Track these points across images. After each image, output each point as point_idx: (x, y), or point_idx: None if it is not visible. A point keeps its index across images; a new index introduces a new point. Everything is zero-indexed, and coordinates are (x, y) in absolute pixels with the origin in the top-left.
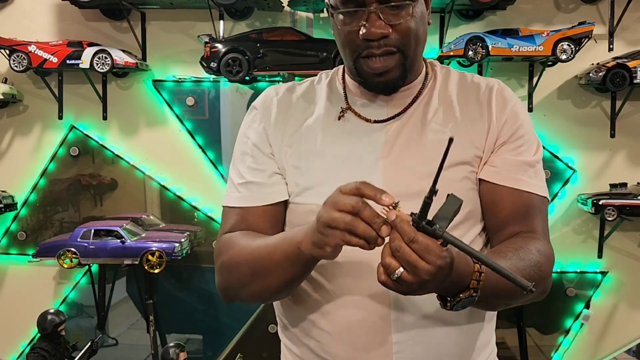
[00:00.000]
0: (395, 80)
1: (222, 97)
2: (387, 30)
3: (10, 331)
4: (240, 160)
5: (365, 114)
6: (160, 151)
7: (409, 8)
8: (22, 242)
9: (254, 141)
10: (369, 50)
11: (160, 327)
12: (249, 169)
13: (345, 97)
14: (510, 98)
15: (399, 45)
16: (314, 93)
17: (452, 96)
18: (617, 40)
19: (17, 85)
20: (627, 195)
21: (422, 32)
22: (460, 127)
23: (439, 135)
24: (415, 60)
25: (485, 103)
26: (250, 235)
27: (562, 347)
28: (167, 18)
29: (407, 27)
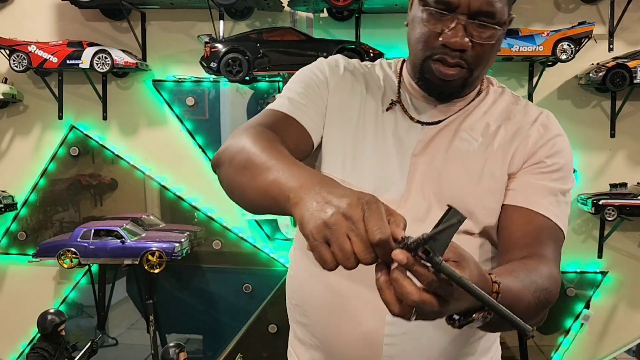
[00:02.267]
0: (453, 91)
1: (222, 97)
2: (468, 45)
3: (10, 331)
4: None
5: (411, 111)
6: (160, 151)
7: (495, 32)
8: (22, 242)
9: (316, 80)
10: (443, 56)
11: (160, 327)
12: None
13: (399, 90)
14: (554, 129)
15: (471, 63)
16: (372, 77)
17: (495, 114)
18: (617, 40)
19: (17, 85)
20: (627, 195)
21: (493, 58)
22: (488, 143)
23: (465, 144)
24: (477, 80)
25: (525, 128)
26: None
27: (562, 347)
28: (167, 18)
29: (485, 49)
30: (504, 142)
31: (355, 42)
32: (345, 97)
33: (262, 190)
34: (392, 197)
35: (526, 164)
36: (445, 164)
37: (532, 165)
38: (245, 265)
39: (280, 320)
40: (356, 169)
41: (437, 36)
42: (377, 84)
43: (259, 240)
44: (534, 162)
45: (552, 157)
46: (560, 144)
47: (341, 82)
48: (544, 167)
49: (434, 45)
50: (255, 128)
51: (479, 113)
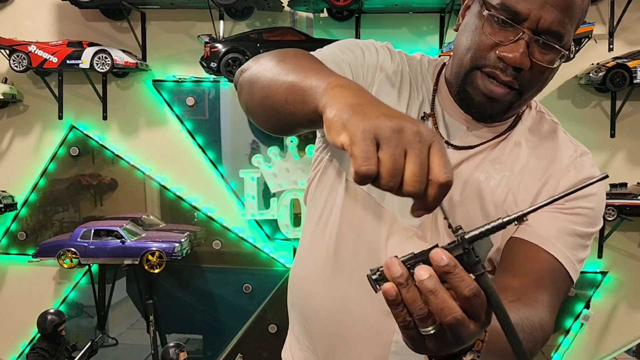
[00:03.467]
0: (495, 113)
1: (222, 97)
2: (527, 64)
3: (10, 331)
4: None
5: (442, 129)
6: (160, 151)
7: (557, 55)
8: (22, 242)
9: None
10: (494, 70)
11: (160, 327)
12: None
13: (433, 100)
14: (585, 171)
15: (524, 86)
16: (417, 74)
17: (529, 147)
18: (617, 40)
19: (17, 85)
20: (627, 195)
21: (546, 84)
22: (512, 178)
23: (487, 179)
24: (524, 104)
25: (556, 170)
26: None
27: (562, 347)
28: (167, 18)
29: (544, 74)
30: (529, 180)
31: None
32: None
33: (290, 84)
34: (408, 223)
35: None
36: (461, 197)
37: (563, 207)
38: (245, 265)
39: (280, 320)
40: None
41: (494, 47)
42: (417, 86)
43: (259, 240)
44: (567, 206)
45: (580, 200)
46: (593, 188)
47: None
48: (566, 209)
49: (488, 56)
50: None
51: (511, 143)
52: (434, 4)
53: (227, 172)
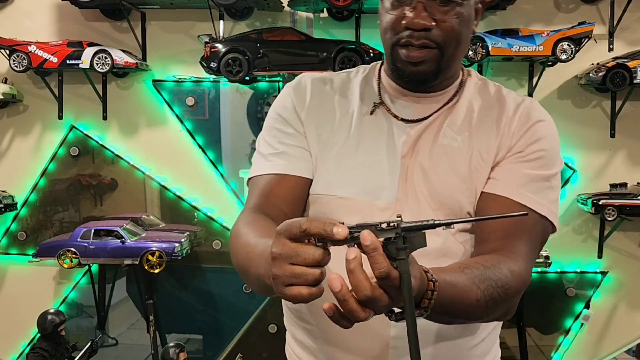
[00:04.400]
0: (427, 74)
1: (222, 97)
2: (430, 23)
3: (10, 331)
4: (270, 135)
5: (395, 110)
6: (160, 151)
7: (457, 7)
8: (22, 242)
9: (285, 117)
10: (408, 39)
11: (160, 327)
12: (281, 143)
13: (379, 93)
14: (535, 115)
15: (439, 42)
16: (349, 86)
17: (477, 106)
18: (617, 40)
19: (17, 85)
20: (627, 195)
21: (464, 35)
22: (472, 137)
23: (450, 141)
24: (452, 62)
25: (508, 118)
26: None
27: (562, 347)
28: (167, 18)
29: (450, 25)
30: (488, 135)
31: (355, 42)
32: (322, 116)
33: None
34: (386, 202)
35: (509, 154)
36: (431, 163)
37: (514, 154)
38: None
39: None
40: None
41: (400, 20)
42: (355, 92)
43: None
44: (516, 152)
45: (534, 144)
46: (542, 131)
47: (313, 105)
48: (525, 156)
49: (399, 30)
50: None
51: (463, 107)
52: None
53: (227, 172)
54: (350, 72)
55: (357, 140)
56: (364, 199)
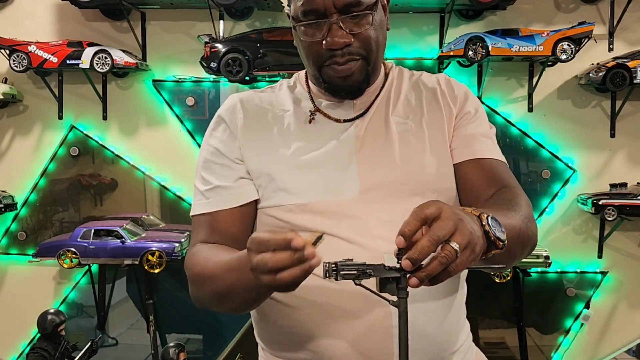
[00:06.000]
0: (359, 84)
1: (222, 97)
2: (350, 39)
3: (10, 331)
4: (205, 168)
5: (334, 114)
6: (160, 151)
7: (369, 17)
8: (22, 242)
9: (220, 148)
10: (333, 59)
11: (160, 327)
12: (215, 175)
13: (312, 100)
14: (456, 85)
15: (361, 53)
16: (278, 100)
17: (408, 92)
18: (617, 40)
19: (17, 85)
20: (627, 195)
21: (381, 38)
22: (418, 117)
23: (402, 126)
24: (377, 65)
25: (437, 92)
26: (213, 251)
27: (562, 347)
28: (167, 18)
29: (367, 35)
30: (431, 111)
31: None
32: (260, 133)
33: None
34: (350, 197)
35: (456, 120)
36: (391, 149)
37: (461, 119)
38: None
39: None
40: (300, 190)
41: (320, 44)
42: (286, 103)
43: None
44: (462, 116)
45: (470, 105)
46: (470, 93)
47: (248, 124)
48: (469, 116)
49: (321, 53)
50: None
51: (396, 95)
52: (434, 4)
53: None
54: (273, 87)
55: (303, 148)
56: (325, 199)
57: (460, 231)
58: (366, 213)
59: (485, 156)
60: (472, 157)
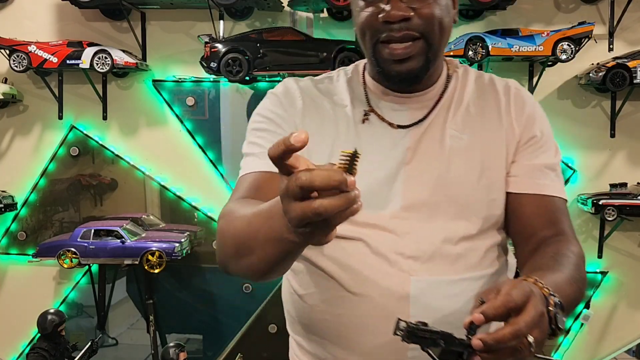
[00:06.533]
0: (417, 70)
1: (222, 97)
2: (409, 12)
3: (10, 331)
4: (258, 136)
5: (389, 117)
6: (160, 151)
7: None
8: (22, 242)
9: (277, 121)
10: (388, 33)
11: (160, 327)
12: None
13: (367, 97)
14: (527, 99)
15: (422, 31)
16: (334, 92)
17: (471, 99)
18: (617, 40)
19: (17, 85)
20: (627, 195)
21: (447, 22)
22: (476, 133)
23: (457, 141)
24: (438, 51)
25: (503, 106)
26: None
27: (562, 347)
28: (167, 18)
29: (430, 12)
30: (492, 129)
31: (355, 42)
32: (316, 124)
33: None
34: (391, 211)
35: (520, 143)
36: (442, 166)
37: (526, 143)
38: None
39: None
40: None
41: (377, 16)
42: (343, 97)
43: None
44: (527, 140)
45: (538, 126)
46: (540, 111)
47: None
48: (535, 142)
49: (377, 27)
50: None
51: (457, 103)
52: None
53: (227, 172)
54: (331, 76)
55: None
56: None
57: (540, 328)
58: (404, 230)
59: (548, 193)
60: (533, 192)
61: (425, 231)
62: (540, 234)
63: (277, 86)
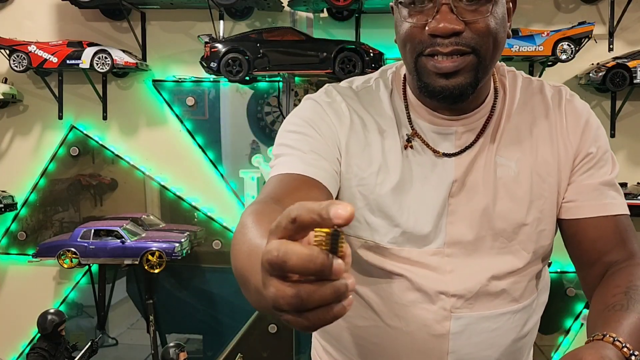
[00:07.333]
0: (464, 87)
1: (222, 97)
2: (461, 26)
3: (10, 331)
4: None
5: (433, 143)
6: (160, 151)
7: (489, 5)
8: (22, 242)
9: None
10: (434, 47)
11: (160, 327)
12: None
13: (409, 117)
14: (582, 110)
15: (474, 45)
16: (377, 107)
17: (519, 115)
18: (617, 40)
19: (17, 85)
20: (627, 195)
21: (501, 37)
22: (526, 157)
23: (505, 170)
24: (489, 68)
25: (555, 121)
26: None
27: (562, 347)
28: (167, 18)
29: (485, 25)
30: (543, 151)
31: (355, 42)
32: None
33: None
34: (434, 247)
35: (576, 162)
36: (488, 199)
37: (582, 161)
38: None
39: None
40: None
41: (423, 28)
42: (386, 114)
43: None
44: (583, 158)
45: (595, 142)
46: (595, 122)
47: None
48: (593, 160)
49: (421, 39)
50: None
51: (505, 124)
52: None
53: (227, 172)
54: (370, 84)
55: (394, 180)
56: (411, 248)
57: None
58: (447, 268)
59: (611, 213)
60: (596, 215)
61: (470, 268)
62: (607, 257)
63: (318, 93)
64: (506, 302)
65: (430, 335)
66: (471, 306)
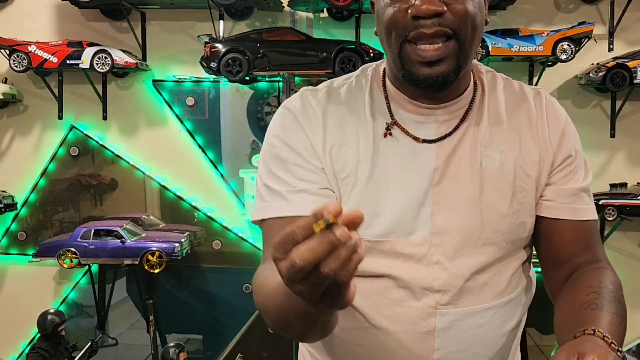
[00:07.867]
0: (447, 74)
1: (222, 97)
2: (442, 7)
3: (10, 331)
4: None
5: (413, 130)
6: (160, 151)
7: None
8: (22, 242)
9: (298, 149)
10: (418, 30)
11: (160, 327)
12: (297, 179)
13: (389, 108)
14: (560, 112)
15: (455, 28)
16: (354, 101)
17: (501, 110)
18: (617, 40)
19: (17, 85)
20: (627, 195)
21: (479, 21)
22: (509, 151)
23: (489, 161)
24: (470, 54)
25: (536, 120)
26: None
27: None
28: (167, 18)
29: (464, 7)
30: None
31: (355, 42)
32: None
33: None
34: (420, 238)
35: (555, 164)
36: (472, 189)
37: (562, 164)
38: (245, 265)
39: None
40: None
41: (405, 12)
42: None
43: (259, 240)
44: (562, 160)
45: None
46: (572, 126)
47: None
48: (573, 164)
49: (405, 23)
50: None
51: (488, 115)
52: None
53: (227, 172)
54: (350, 80)
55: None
56: (397, 239)
57: None
58: (433, 259)
59: (585, 218)
60: (570, 218)
61: (456, 261)
62: (576, 259)
63: (292, 99)
64: (490, 296)
65: (416, 333)
66: (456, 302)
